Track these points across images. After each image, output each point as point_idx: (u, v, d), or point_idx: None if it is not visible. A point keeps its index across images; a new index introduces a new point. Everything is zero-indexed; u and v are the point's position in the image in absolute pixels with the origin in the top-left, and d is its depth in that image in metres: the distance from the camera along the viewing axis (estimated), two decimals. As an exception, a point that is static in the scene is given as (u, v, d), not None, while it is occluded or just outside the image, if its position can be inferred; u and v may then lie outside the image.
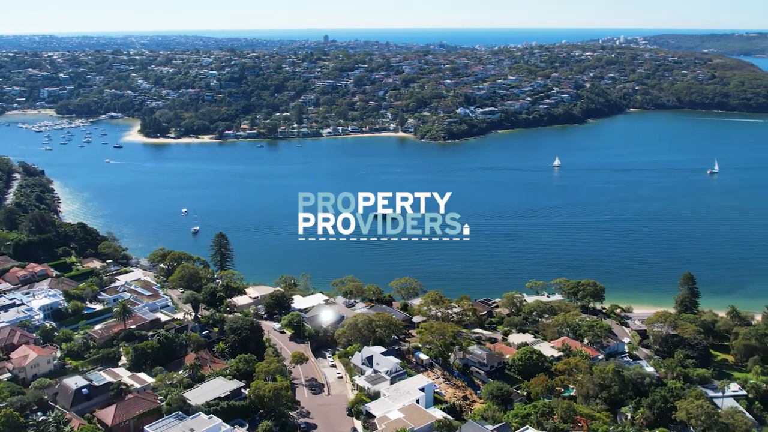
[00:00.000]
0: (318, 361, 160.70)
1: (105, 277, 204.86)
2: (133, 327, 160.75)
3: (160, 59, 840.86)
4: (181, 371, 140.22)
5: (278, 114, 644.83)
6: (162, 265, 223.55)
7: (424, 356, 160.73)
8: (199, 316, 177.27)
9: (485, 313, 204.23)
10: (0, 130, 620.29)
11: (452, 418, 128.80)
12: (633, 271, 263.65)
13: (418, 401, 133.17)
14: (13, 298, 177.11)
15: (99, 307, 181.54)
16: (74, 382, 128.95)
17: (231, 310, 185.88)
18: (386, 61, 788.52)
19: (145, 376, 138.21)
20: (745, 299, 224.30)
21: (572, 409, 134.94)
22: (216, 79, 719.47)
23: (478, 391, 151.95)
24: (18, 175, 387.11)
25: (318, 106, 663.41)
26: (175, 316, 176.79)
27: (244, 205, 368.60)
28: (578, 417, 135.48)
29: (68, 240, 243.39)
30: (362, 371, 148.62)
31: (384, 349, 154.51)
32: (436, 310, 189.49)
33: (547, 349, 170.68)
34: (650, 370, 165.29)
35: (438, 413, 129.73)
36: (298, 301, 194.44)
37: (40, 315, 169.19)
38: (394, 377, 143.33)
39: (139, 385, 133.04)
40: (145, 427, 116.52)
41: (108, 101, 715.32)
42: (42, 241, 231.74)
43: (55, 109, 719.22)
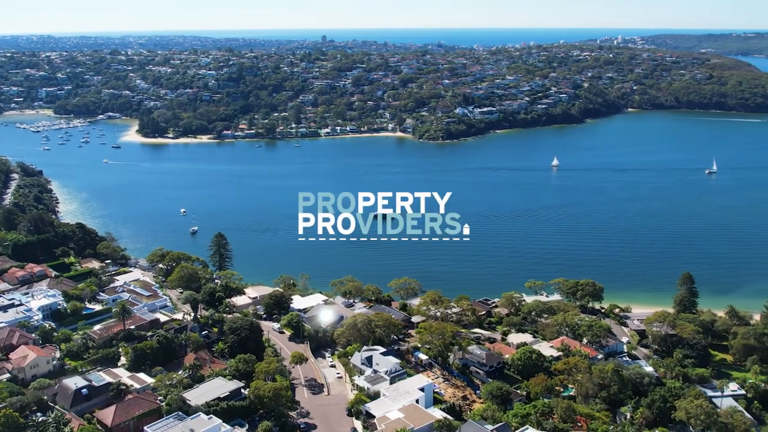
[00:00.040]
0: (317, 362, 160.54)
1: (104, 277, 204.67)
2: (133, 327, 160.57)
3: (158, 59, 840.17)
4: (181, 371, 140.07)
5: (276, 114, 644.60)
6: (161, 266, 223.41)
7: (423, 356, 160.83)
8: (199, 317, 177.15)
9: (484, 313, 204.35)
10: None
11: (452, 418, 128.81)
12: (632, 271, 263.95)
13: (417, 401, 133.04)
14: (12, 299, 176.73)
15: (98, 308, 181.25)
16: (74, 383, 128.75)
17: (230, 310, 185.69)
18: (384, 61, 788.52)
19: (145, 377, 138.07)
20: (743, 299, 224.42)
21: (572, 408, 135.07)
22: (214, 79, 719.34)
23: (478, 391, 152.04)
24: (16, 176, 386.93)
25: (316, 106, 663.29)
26: (175, 317, 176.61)
27: (243, 206, 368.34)
28: (578, 417, 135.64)
29: (67, 240, 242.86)
30: (362, 371, 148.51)
31: (383, 349, 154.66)
32: (435, 310, 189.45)
33: (546, 349, 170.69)
34: (649, 369, 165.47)
35: (438, 413, 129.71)
36: (297, 302, 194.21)
37: (39, 315, 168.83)
38: (393, 377, 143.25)
39: (138, 386, 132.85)
40: (145, 428, 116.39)
41: (106, 101, 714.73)
42: (40, 241, 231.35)
43: (52, 110, 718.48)
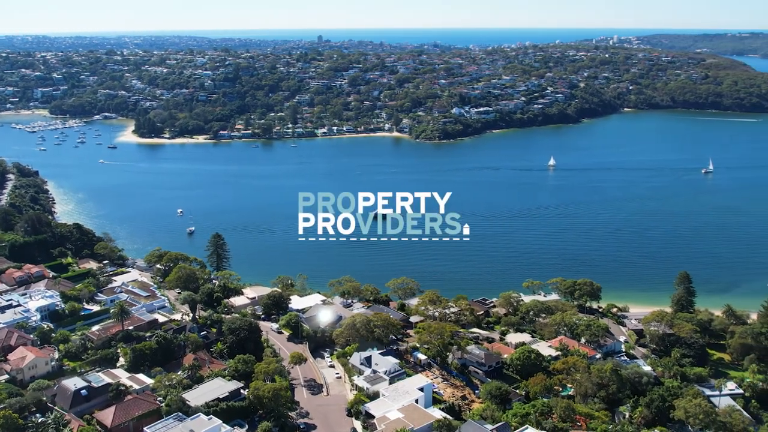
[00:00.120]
0: (316, 362, 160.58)
1: (102, 278, 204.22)
2: (131, 328, 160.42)
3: (154, 59, 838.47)
4: (180, 372, 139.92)
5: (273, 114, 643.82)
6: (159, 266, 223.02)
7: (422, 356, 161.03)
8: (197, 317, 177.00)
9: (482, 312, 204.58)
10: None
11: (452, 418, 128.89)
12: (629, 271, 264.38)
13: (417, 401, 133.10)
14: (10, 300, 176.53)
15: (96, 308, 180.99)
16: (73, 384, 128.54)
17: (229, 310, 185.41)
18: (381, 61, 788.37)
19: (144, 377, 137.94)
20: (740, 298, 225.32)
21: (571, 408, 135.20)
22: (210, 79, 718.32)
23: (477, 391, 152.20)
24: (12, 176, 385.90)
25: (313, 106, 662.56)
26: (173, 317, 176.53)
27: (240, 206, 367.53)
28: (577, 416, 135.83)
29: (64, 241, 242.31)
30: (361, 371, 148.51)
31: (383, 349, 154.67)
32: (434, 310, 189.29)
33: (544, 349, 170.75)
34: (647, 369, 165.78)
35: (437, 413, 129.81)
36: (296, 302, 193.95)
37: (37, 316, 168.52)
38: (392, 377, 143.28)
39: (138, 386, 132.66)
40: (145, 428, 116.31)
41: (102, 101, 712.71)
42: (38, 242, 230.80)
43: (48, 110, 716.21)
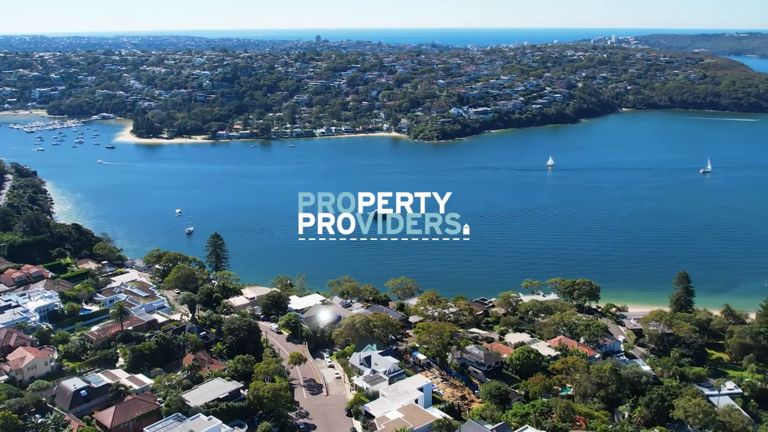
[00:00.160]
0: (316, 362, 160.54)
1: (100, 278, 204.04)
2: (130, 328, 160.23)
3: (152, 59, 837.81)
4: (180, 372, 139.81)
5: (271, 114, 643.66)
6: (157, 266, 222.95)
7: (421, 356, 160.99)
8: (196, 317, 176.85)
9: (481, 312, 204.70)
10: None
11: (451, 418, 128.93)
12: (628, 271, 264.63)
13: (417, 401, 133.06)
14: (9, 300, 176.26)
15: (95, 309, 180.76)
16: (72, 384, 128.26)
17: (228, 311, 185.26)
18: (379, 61, 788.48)
19: (144, 378, 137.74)
20: (739, 298, 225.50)
21: (571, 408, 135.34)
22: (208, 79, 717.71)
23: (476, 391, 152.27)
24: (10, 176, 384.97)
25: (311, 107, 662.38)
26: (172, 317, 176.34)
27: (238, 206, 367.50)
28: (577, 416, 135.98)
29: (63, 241, 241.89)
30: (360, 371, 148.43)
31: (382, 349, 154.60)
32: (433, 310, 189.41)
33: (543, 349, 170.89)
34: (646, 368, 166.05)
35: (437, 413, 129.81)
36: (295, 302, 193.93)
37: (36, 317, 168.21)
38: (392, 377, 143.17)
39: (137, 387, 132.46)
40: (145, 429, 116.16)
41: (100, 102, 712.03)
42: (36, 242, 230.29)
43: (46, 110, 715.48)
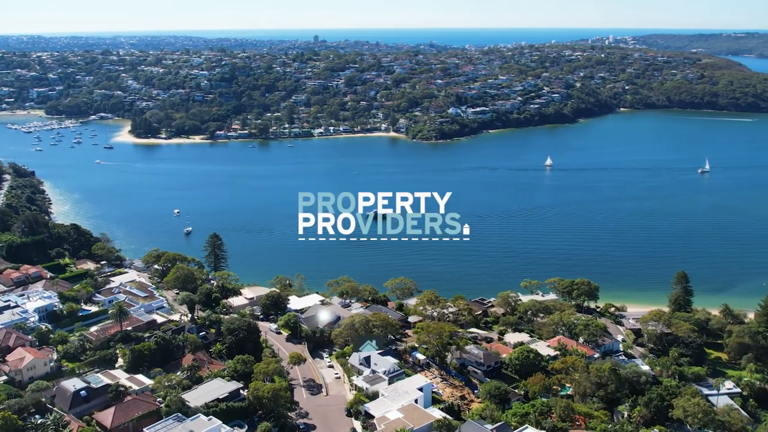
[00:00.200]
0: (315, 362, 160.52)
1: (99, 278, 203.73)
2: (130, 329, 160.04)
3: (150, 59, 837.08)
4: (179, 373, 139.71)
5: (269, 114, 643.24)
6: (156, 266, 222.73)
7: (421, 356, 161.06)
8: (196, 318, 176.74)
9: (480, 312, 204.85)
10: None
11: (451, 418, 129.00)
12: (626, 270, 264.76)
13: (416, 401, 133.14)
14: (8, 300, 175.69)
15: (94, 309, 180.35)
16: (72, 385, 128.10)
17: (227, 311, 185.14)
18: (377, 61, 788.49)
19: (143, 378, 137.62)
20: (737, 297, 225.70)
21: (570, 407, 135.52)
22: (206, 79, 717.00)
23: (476, 391, 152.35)
24: (8, 176, 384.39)
25: (309, 107, 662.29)
26: (172, 318, 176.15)
27: (237, 206, 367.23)
28: (576, 416, 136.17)
29: (61, 241, 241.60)
30: (360, 371, 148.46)
31: (381, 349, 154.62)
32: (432, 310, 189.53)
33: (543, 349, 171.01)
34: (645, 368, 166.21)
35: (437, 413, 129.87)
36: (294, 302, 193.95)
37: (35, 317, 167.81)
38: (392, 377, 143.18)
39: (137, 387, 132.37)
40: (145, 429, 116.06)
41: (98, 102, 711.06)
42: (35, 242, 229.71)
43: (44, 110, 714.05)
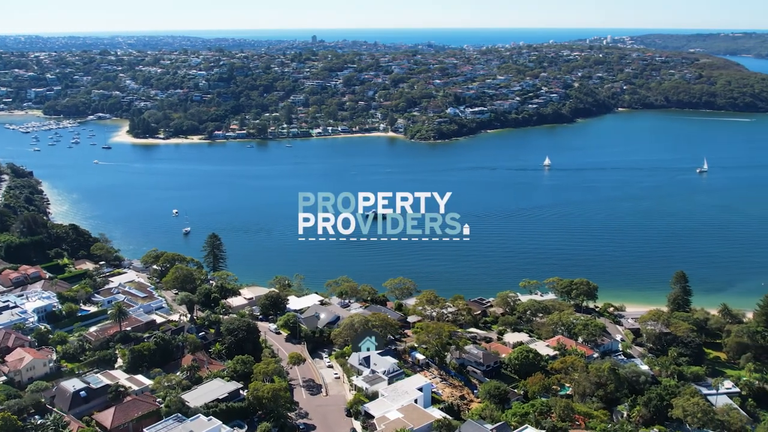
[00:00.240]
0: (315, 362, 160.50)
1: (98, 278, 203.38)
2: (129, 329, 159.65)
3: (148, 59, 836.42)
4: (179, 373, 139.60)
5: (268, 114, 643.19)
6: (155, 267, 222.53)
7: (420, 356, 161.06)
8: (195, 318, 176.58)
9: (479, 312, 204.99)
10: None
11: (451, 418, 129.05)
12: (625, 270, 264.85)
13: (416, 401, 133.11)
14: (7, 301, 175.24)
15: (93, 309, 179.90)
16: (72, 385, 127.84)
17: (226, 311, 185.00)
18: (375, 61, 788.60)
19: (143, 378, 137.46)
20: (736, 297, 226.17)
21: (570, 407, 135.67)
22: (205, 79, 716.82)
23: (475, 391, 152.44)
24: (6, 177, 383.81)
25: (307, 107, 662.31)
26: (171, 318, 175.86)
27: (235, 206, 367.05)
28: (576, 415, 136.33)
29: (60, 242, 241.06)
30: (359, 371, 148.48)
31: (381, 349, 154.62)
32: (431, 310, 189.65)
33: (542, 348, 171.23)
34: (645, 368, 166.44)
35: (437, 413, 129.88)
36: (293, 302, 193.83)
37: (34, 317, 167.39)
38: (391, 377, 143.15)
39: (137, 387, 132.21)
40: (145, 430, 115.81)
41: (96, 102, 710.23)
42: (34, 242, 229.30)
43: (42, 110, 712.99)
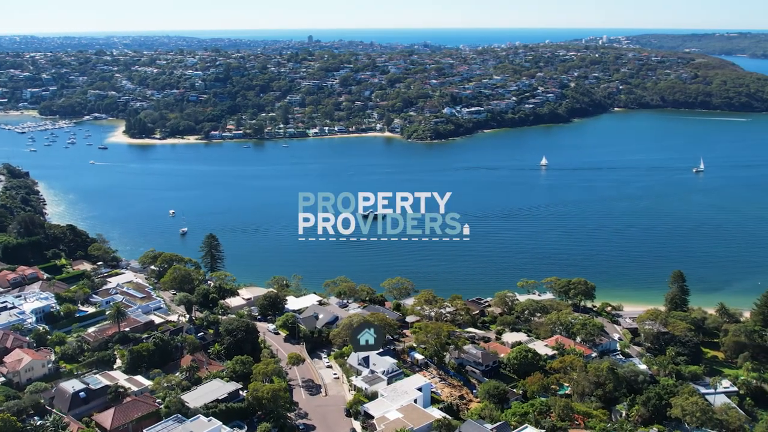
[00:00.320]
0: (314, 362, 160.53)
1: (96, 279, 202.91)
2: (127, 329, 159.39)
3: (144, 60, 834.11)
4: (178, 374, 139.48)
5: (264, 114, 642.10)
6: (153, 267, 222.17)
7: (419, 356, 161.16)
8: (194, 318, 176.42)
9: (477, 312, 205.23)
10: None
11: (451, 418, 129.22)
12: (623, 270, 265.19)
13: (415, 401, 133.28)
14: (5, 302, 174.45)
15: (91, 310, 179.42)
16: (71, 386, 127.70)
17: (225, 311, 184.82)
18: (372, 61, 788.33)
19: (142, 379, 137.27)
20: (733, 296, 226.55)
21: (569, 407, 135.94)
22: (201, 79, 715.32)
23: (474, 391, 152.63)
24: (2, 177, 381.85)
25: (304, 107, 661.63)
26: (169, 319, 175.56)
27: (232, 206, 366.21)
28: (575, 415, 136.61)
29: (57, 242, 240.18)
30: (359, 372, 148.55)
31: (380, 349, 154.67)
32: (430, 310, 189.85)
33: (541, 348, 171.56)
34: (643, 367, 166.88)
35: (436, 413, 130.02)
36: (292, 302, 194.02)
37: (32, 318, 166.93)
38: (391, 377, 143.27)
39: (136, 388, 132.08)
40: (144, 430, 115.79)
41: (92, 102, 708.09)
42: (31, 243, 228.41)
43: (38, 110, 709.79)
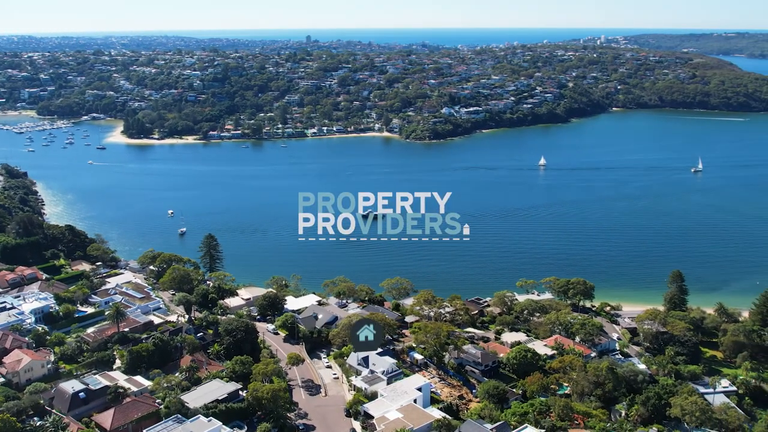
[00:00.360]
0: (313, 362, 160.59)
1: (95, 279, 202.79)
2: (127, 330, 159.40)
3: (142, 60, 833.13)
4: (178, 374, 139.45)
5: (262, 114, 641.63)
6: (152, 267, 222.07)
7: (418, 356, 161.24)
8: (193, 318, 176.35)
9: (476, 312, 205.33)
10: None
11: (451, 418, 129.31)
12: (621, 270, 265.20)
13: (415, 401, 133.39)
14: (4, 302, 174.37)
15: (90, 310, 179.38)
16: (71, 386, 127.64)
17: (224, 311, 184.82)
18: (370, 61, 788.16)
19: (142, 379, 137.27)
20: (732, 296, 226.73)
21: (569, 406, 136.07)
22: (199, 79, 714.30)
23: (474, 390, 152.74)
24: (0, 177, 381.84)
25: (302, 107, 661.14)
26: (169, 319, 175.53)
27: (231, 206, 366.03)
28: (575, 414, 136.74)
29: (56, 242, 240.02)
30: (358, 372, 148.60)
31: (380, 350, 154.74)
32: (429, 310, 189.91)
33: (540, 348, 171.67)
34: (642, 367, 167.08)
35: (436, 413, 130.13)
36: (291, 302, 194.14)
37: (32, 319, 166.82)
38: (390, 377, 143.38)
39: (136, 389, 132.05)
40: (144, 431, 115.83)
41: (90, 102, 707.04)
42: (30, 243, 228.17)
43: (36, 111, 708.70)
